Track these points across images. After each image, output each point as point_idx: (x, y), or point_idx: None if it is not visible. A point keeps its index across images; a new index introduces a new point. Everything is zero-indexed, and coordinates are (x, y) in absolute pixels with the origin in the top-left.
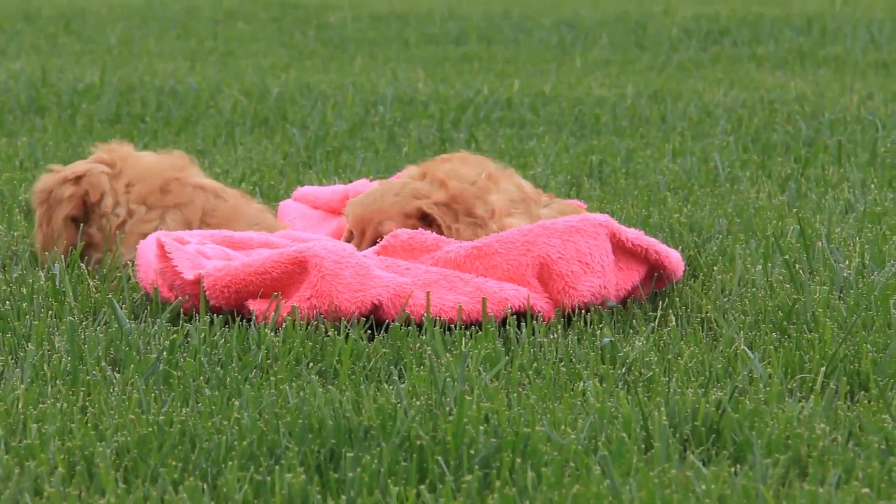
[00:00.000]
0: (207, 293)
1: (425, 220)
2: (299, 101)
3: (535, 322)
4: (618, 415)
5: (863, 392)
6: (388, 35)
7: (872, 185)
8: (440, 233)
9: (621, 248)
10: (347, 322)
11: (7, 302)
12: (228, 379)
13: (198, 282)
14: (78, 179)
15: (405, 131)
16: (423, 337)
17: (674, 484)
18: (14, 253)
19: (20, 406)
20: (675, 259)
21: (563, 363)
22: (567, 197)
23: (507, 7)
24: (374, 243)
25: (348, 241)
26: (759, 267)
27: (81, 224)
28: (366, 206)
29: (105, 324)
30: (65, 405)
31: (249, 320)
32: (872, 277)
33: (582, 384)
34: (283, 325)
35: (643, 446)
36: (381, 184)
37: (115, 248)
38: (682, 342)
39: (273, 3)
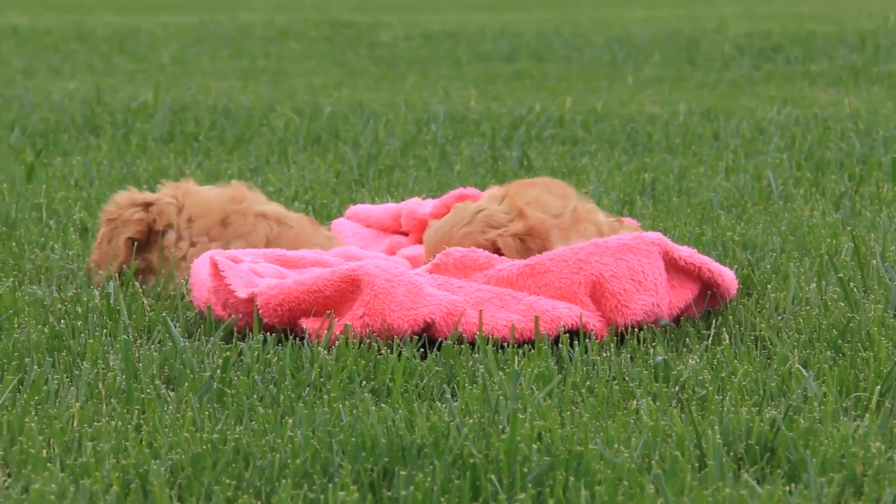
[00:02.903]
0: (261, 311)
1: (498, 254)
2: (351, 120)
3: (587, 340)
4: (671, 433)
5: None
6: (440, 53)
7: None
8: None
9: (674, 267)
10: (400, 340)
11: (62, 320)
12: (282, 397)
13: (251, 300)
14: (147, 206)
15: (457, 149)
16: (476, 355)
17: (728, 503)
18: (69, 272)
19: (75, 424)
20: (728, 277)
21: (616, 381)
22: (620, 215)
23: (559, 25)
24: None
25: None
26: (814, 285)
27: (137, 246)
28: (435, 237)
29: (159, 342)
30: (119, 423)
31: (302, 338)
32: None
33: (635, 402)
34: (336, 344)
35: (697, 465)
36: (455, 210)
37: (169, 270)
38: (735, 360)
39: (325, 21)
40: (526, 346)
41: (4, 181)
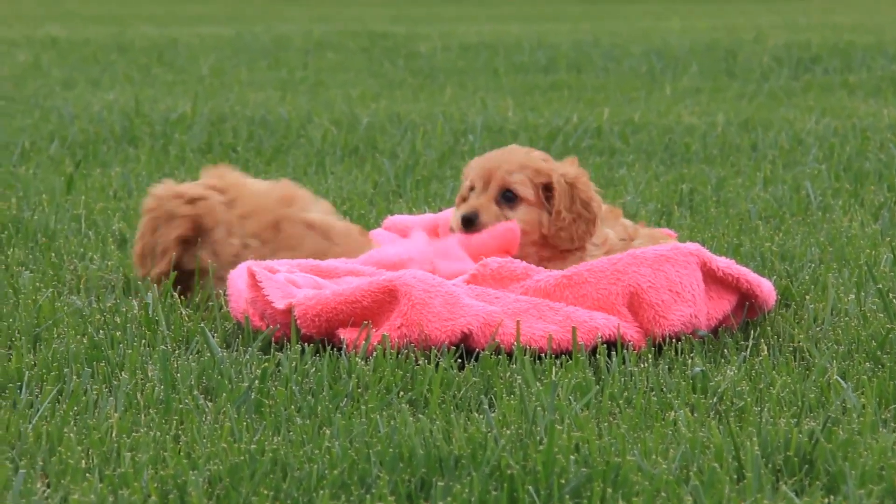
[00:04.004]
0: (298, 322)
1: (547, 189)
2: (389, 131)
3: (625, 351)
4: (709, 444)
5: None
6: (478, 64)
7: None
8: (552, 216)
9: (712, 277)
10: (437, 351)
11: (101, 331)
12: (319, 408)
13: (289, 311)
14: (193, 201)
15: None
16: (513, 366)
17: None
18: (108, 282)
19: (114, 435)
20: (766, 288)
21: (653, 392)
22: (657, 225)
23: (597, 36)
24: (498, 195)
25: (465, 198)
26: (852, 296)
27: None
28: (492, 159)
29: (197, 353)
30: (158, 434)
31: (340, 349)
32: None
33: (673, 414)
34: (374, 354)
35: (735, 476)
36: (505, 148)
37: (207, 280)
38: (774, 372)
39: (363, 33)
40: (563, 356)
41: (44, 192)
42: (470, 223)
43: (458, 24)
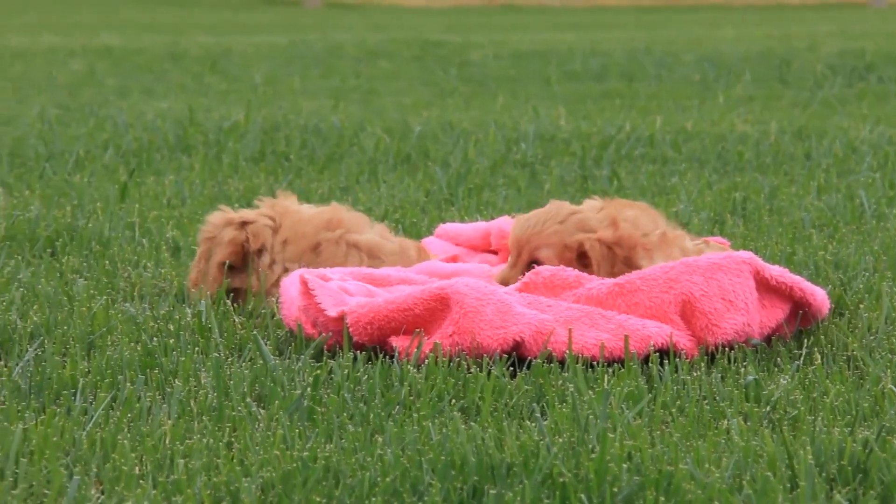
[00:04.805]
0: (350, 330)
1: (582, 258)
2: (441, 139)
3: (677, 359)
4: (763, 453)
5: None
6: (530, 72)
7: None
8: (592, 273)
9: (765, 286)
10: (489, 359)
11: (155, 338)
12: (372, 415)
13: (341, 318)
14: (242, 225)
15: (547, 168)
16: (566, 374)
17: None
18: (161, 290)
19: (167, 441)
20: (820, 297)
21: (706, 401)
22: (710, 234)
23: (649, 44)
24: (527, 268)
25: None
26: None
27: (232, 267)
28: (525, 229)
29: (250, 360)
30: (211, 441)
31: (392, 357)
32: None
33: (726, 422)
34: (426, 362)
35: (788, 485)
36: (550, 206)
37: (259, 292)
38: (827, 380)
39: (415, 41)
40: (616, 365)
41: (99, 200)
42: None
43: (512, 33)
